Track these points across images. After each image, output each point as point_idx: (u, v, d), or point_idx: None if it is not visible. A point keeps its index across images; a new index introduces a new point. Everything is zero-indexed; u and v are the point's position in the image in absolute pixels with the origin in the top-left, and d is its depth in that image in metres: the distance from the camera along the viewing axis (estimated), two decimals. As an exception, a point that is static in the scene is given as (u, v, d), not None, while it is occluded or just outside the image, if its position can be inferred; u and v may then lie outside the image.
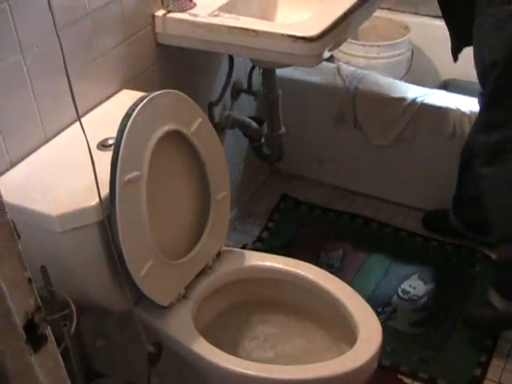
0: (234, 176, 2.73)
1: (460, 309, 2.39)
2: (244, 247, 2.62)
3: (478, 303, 2.32)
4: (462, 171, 2.51)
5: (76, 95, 1.39)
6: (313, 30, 1.88)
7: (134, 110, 1.50)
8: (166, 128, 1.61)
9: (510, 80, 1.99)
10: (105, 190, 1.51)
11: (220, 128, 2.47)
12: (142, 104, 1.51)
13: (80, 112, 1.48)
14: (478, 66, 2.11)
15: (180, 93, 1.68)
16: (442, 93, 2.68)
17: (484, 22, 1.97)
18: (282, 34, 1.88)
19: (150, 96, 1.55)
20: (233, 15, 2.02)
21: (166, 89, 1.65)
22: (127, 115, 1.50)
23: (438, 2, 2.24)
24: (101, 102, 1.92)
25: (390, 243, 2.70)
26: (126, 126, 1.48)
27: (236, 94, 2.58)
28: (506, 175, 2.13)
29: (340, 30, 1.99)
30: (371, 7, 2.22)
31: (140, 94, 1.84)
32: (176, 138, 1.67)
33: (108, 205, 1.51)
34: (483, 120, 2.17)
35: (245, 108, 2.66)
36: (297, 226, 2.79)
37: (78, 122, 1.46)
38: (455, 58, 2.31)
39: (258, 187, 2.99)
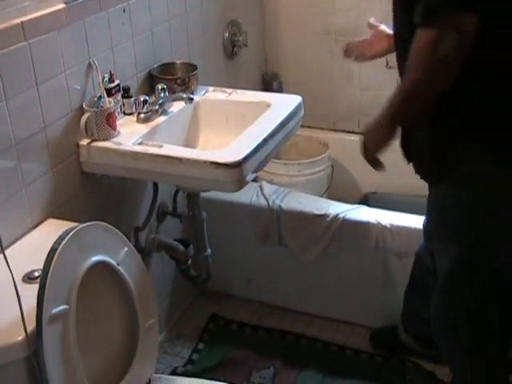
0: (161, 298, 2.72)
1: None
2: (174, 371, 2.58)
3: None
4: (411, 290, 2.53)
5: (0, 226, 1.39)
6: (234, 157, 1.94)
7: (59, 244, 1.50)
8: (93, 260, 1.61)
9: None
10: (31, 325, 1.49)
11: (146, 252, 2.48)
12: (67, 238, 1.52)
13: (4, 243, 1.48)
14: (439, 227, 2.07)
15: (105, 224, 1.70)
16: (363, 208, 2.76)
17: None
18: (205, 161, 1.94)
19: (76, 229, 1.56)
20: (156, 143, 2.07)
21: (91, 216, 1.68)
22: (53, 249, 1.50)
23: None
24: (26, 233, 1.92)
25: (322, 358, 2.69)
26: (51, 260, 1.48)
27: (161, 216, 2.61)
28: None
29: (261, 154, 2.06)
30: (291, 130, 2.31)
31: (65, 223, 1.86)
32: (103, 269, 1.68)
33: (34, 339, 1.49)
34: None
35: (170, 230, 2.68)
36: (227, 345, 2.76)
37: (1, 255, 1.44)
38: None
39: (186, 308, 2.98)
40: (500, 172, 1.85)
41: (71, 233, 1.54)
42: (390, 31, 2.17)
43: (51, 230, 1.87)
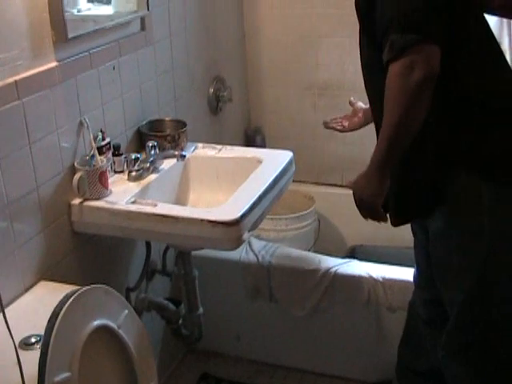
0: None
1: None
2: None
3: None
4: (404, 342, 2.48)
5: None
6: (232, 215, 1.92)
7: (61, 309, 1.46)
8: (94, 324, 1.57)
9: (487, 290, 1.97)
10: (31, 393, 1.44)
11: (138, 312, 2.42)
12: (69, 302, 1.48)
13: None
14: (442, 267, 2.07)
15: (105, 286, 1.67)
16: (354, 262, 2.75)
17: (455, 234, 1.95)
18: (202, 220, 1.91)
19: (77, 293, 1.52)
20: (150, 201, 2.05)
21: (83, 277, 1.65)
22: (54, 314, 1.46)
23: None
24: (18, 296, 1.87)
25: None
26: (53, 325, 1.44)
27: (151, 274, 2.56)
28: None
29: (257, 212, 2.04)
30: (284, 186, 2.30)
31: (58, 285, 1.83)
32: (103, 333, 1.64)
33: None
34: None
35: (159, 289, 2.63)
36: (219, 406, 2.72)
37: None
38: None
39: (175, 367, 2.91)
40: (499, 206, 1.87)
41: (72, 297, 1.50)
42: (366, 106, 2.35)
43: (45, 293, 1.85)
